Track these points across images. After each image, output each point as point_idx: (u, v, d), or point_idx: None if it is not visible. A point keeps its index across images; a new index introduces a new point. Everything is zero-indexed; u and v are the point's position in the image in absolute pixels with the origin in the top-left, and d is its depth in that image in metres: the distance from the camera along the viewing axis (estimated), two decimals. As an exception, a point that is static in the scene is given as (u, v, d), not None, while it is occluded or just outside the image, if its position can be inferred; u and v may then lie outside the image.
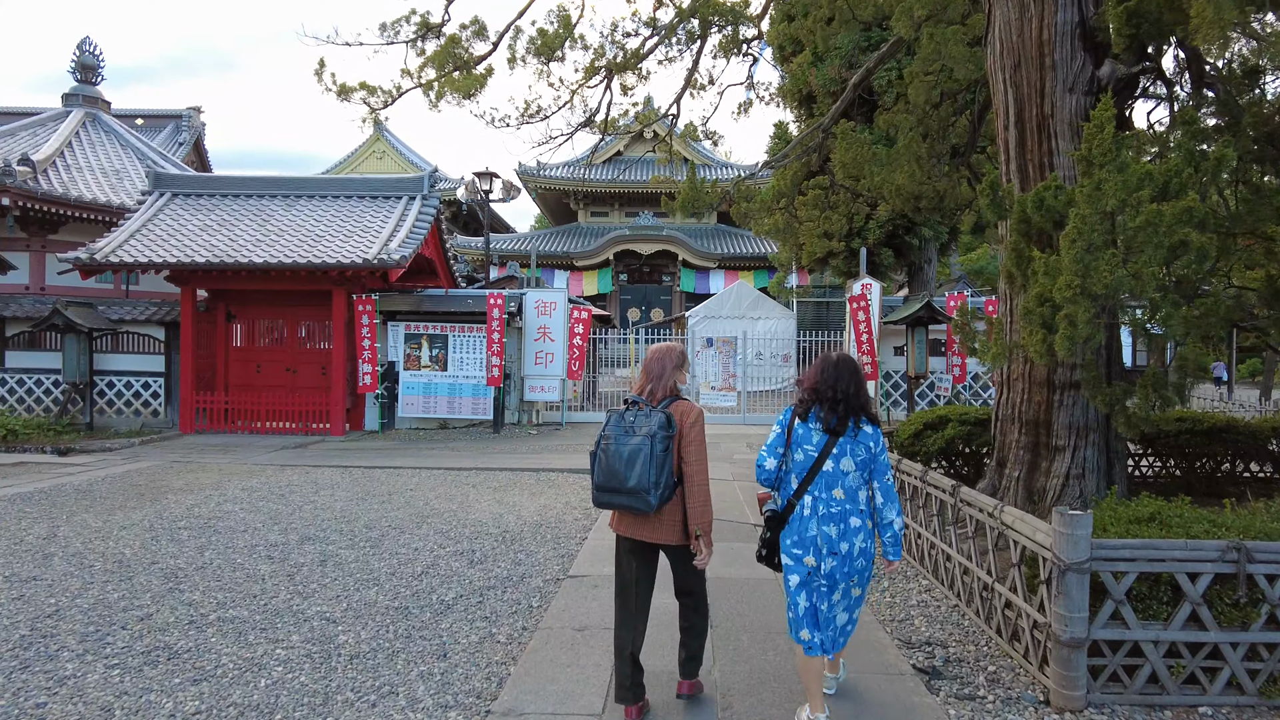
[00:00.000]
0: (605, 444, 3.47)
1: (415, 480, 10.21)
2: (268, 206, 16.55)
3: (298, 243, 14.98)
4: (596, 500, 3.54)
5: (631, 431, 3.42)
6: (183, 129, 30.60)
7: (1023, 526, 3.97)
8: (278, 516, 7.89)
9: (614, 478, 3.38)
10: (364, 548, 6.65)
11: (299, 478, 10.38)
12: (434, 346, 15.61)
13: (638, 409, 3.52)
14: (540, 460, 11.84)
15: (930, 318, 15.40)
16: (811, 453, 3.42)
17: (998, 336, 5.76)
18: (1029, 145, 6.30)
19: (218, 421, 15.66)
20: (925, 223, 16.40)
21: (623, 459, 3.35)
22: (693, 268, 37.47)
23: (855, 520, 3.37)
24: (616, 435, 3.45)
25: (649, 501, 3.33)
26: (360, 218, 16.14)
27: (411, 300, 15.79)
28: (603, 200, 41.10)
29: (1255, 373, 33.89)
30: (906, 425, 9.17)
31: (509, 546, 6.71)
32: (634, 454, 3.34)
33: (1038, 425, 6.35)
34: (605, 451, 3.45)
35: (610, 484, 3.41)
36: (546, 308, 15.93)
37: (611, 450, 3.42)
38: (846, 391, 3.45)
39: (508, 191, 18.31)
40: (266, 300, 16.40)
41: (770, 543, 3.54)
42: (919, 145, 8.98)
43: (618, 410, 3.62)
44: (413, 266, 17.64)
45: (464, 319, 15.60)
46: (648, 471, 3.31)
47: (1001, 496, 6.50)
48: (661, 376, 3.60)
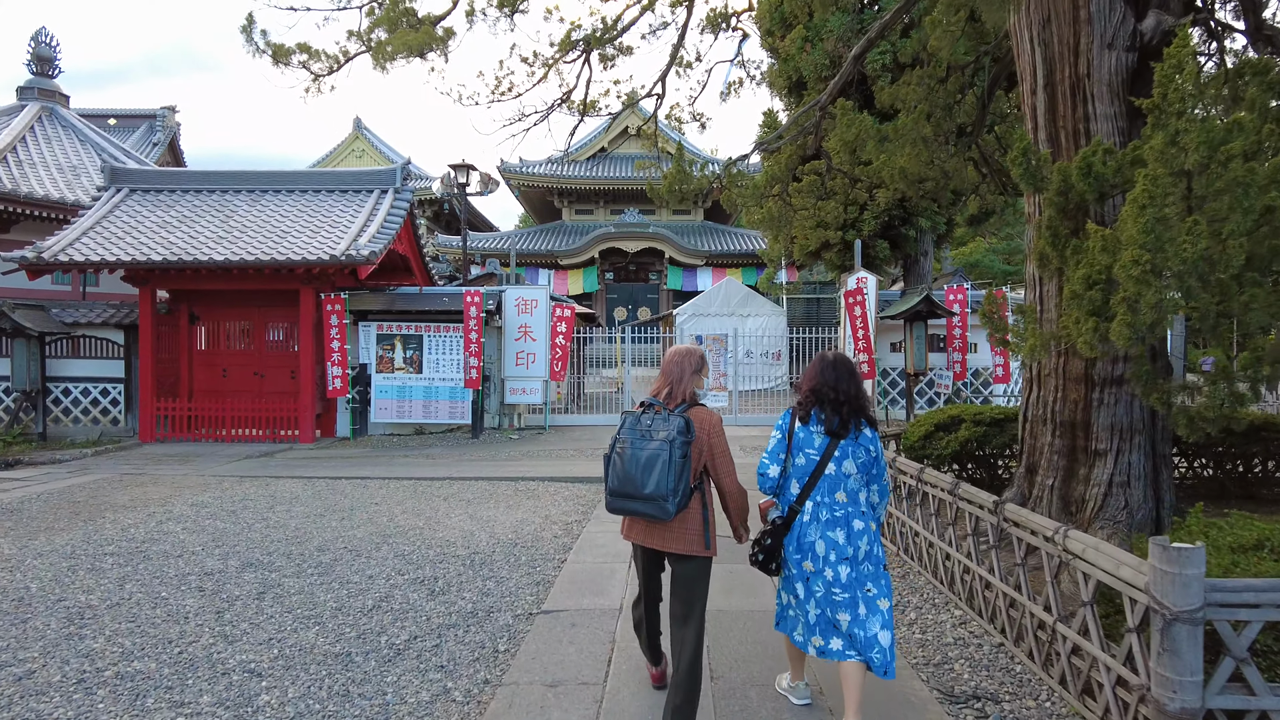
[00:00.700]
0: (621, 448, 3.37)
1: (382, 493, 9.40)
2: (231, 202, 15.67)
3: (262, 239, 14.11)
4: (610, 506, 3.42)
5: (649, 436, 3.31)
6: (157, 129, 29.73)
7: (1099, 559, 3.22)
8: (222, 538, 7.06)
9: (630, 483, 3.28)
10: (311, 575, 5.84)
11: (257, 491, 9.55)
12: (408, 348, 14.78)
13: (654, 412, 3.40)
14: (520, 468, 11.05)
15: (930, 312, 14.70)
16: (814, 456, 3.34)
17: (1030, 327, 5.02)
18: (1060, 110, 5.57)
19: (181, 429, 14.77)
20: (923, 213, 15.71)
21: (640, 464, 3.25)
22: (680, 265, 36.72)
23: (859, 523, 3.30)
24: (633, 439, 3.34)
25: (666, 509, 3.22)
26: (329, 212, 15.29)
27: (383, 299, 14.95)
28: (587, 198, 40.29)
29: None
30: (915, 426, 8.44)
31: (477, 572, 5.92)
32: (652, 459, 3.24)
33: (1074, 426, 5.62)
34: (621, 456, 3.35)
35: (626, 489, 3.30)
36: (527, 306, 15.13)
37: (628, 455, 3.32)
38: (848, 393, 3.39)
39: (486, 184, 17.50)
40: (232, 301, 15.53)
41: (770, 549, 3.44)
42: (923, 124, 8.24)
43: (633, 413, 3.51)
44: (386, 264, 16.83)
45: (439, 318, 14.78)
46: (666, 478, 3.20)
47: (1033, 507, 5.77)
48: (681, 380, 3.50)
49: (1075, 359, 5.58)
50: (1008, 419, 8.12)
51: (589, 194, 39.98)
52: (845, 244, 16.31)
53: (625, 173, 39.06)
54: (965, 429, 7.97)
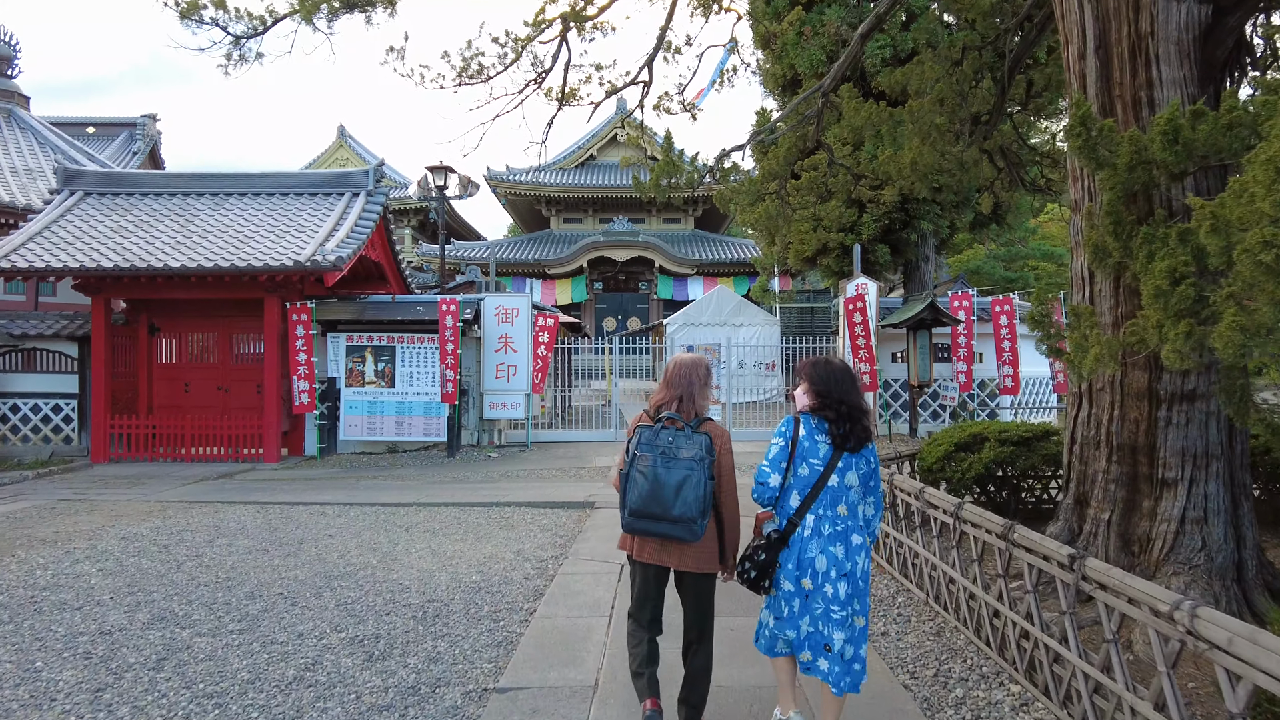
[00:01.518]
0: (642, 465, 3.23)
1: (340, 522, 8.46)
2: (192, 206, 14.73)
3: (223, 245, 13.18)
4: (631, 527, 3.31)
5: (672, 454, 3.20)
6: (137, 137, 28.87)
7: (1264, 658, 2.28)
8: (141, 581, 6.11)
9: (656, 504, 3.16)
10: (231, 632, 4.90)
11: (201, 520, 8.59)
12: (380, 360, 13.84)
13: (675, 429, 3.29)
14: (495, 491, 10.11)
15: (935, 320, 13.87)
16: (818, 466, 3.21)
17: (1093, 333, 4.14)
18: (1117, 77, 4.71)
19: (140, 448, 13.77)
20: (925, 215, 14.90)
21: (669, 485, 3.15)
22: (670, 274, 35.89)
23: (857, 537, 3.22)
24: (655, 458, 3.22)
25: (695, 531, 3.17)
26: (295, 217, 14.37)
27: (353, 308, 14.02)
28: (576, 206, 39.48)
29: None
30: (933, 446, 7.56)
31: (428, 628, 4.98)
32: (682, 481, 3.14)
33: (1135, 451, 4.75)
34: (644, 474, 3.21)
35: (651, 510, 3.18)
36: (508, 315, 14.22)
37: (651, 474, 3.19)
38: (856, 404, 3.27)
39: (465, 187, 16.62)
40: (195, 311, 14.58)
41: (763, 565, 3.25)
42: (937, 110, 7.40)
43: (648, 427, 3.37)
44: (360, 273, 15.92)
45: (414, 328, 13.85)
46: (697, 500, 3.13)
47: (1085, 545, 4.88)
48: (691, 392, 3.42)
49: (1136, 370, 4.71)
50: (1036, 437, 7.26)
51: (577, 202, 39.17)
52: (844, 248, 15.48)
53: (614, 180, 38.27)
54: (989, 449, 7.09)
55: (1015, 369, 14.59)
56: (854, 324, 13.91)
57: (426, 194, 16.27)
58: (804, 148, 9.02)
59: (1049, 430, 7.40)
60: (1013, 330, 14.59)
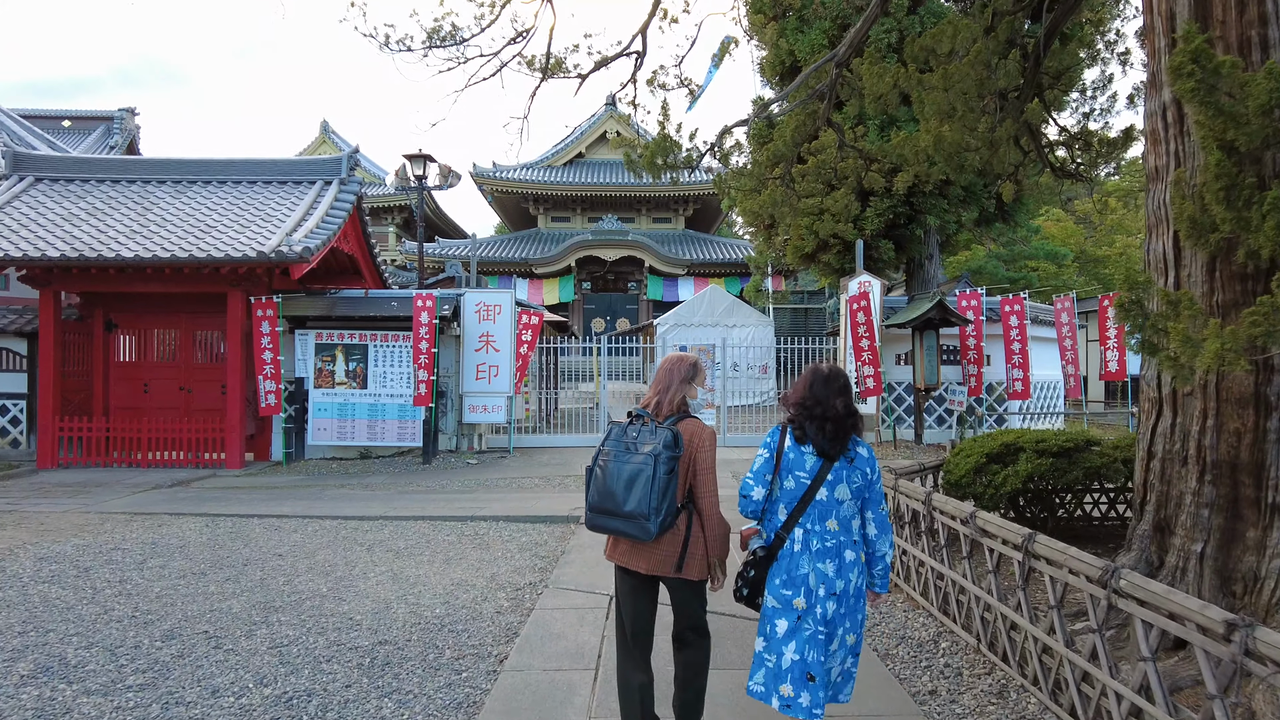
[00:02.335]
0: (603, 460, 3.12)
1: (296, 538, 7.55)
2: (153, 193, 13.77)
3: (182, 234, 12.23)
4: (589, 523, 3.18)
5: (633, 449, 3.07)
6: (114, 131, 27.93)
7: None
8: (41, 616, 5.19)
9: (609, 499, 3.04)
10: (128, 689, 3.99)
11: (140, 536, 7.66)
12: (351, 359, 12.92)
13: (641, 424, 3.15)
14: (471, 503, 9.21)
15: (942, 320, 13.08)
16: (804, 479, 3.02)
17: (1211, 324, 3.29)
18: (1218, 14, 3.89)
19: (95, 452, 12.78)
20: (931, 210, 14.11)
21: (621, 479, 3.02)
22: (660, 275, 35.06)
23: (850, 554, 3.02)
24: (616, 452, 3.10)
25: (647, 529, 2.98)
26: (263, 205, 13.43)
27: (323, 303, 13.09)
28: (564, 205, 38.60)
29: None
30: (961, 457, 6.72)
31: (375, 680, 4.09)
32: (634, 475, 3.00)
33: (1236, 469, 3.92)
34: (603, 469, 3.10)
35: (605, 505, 3.07)
36: (489, 312, 13.32)
37: (610, 468, 3.07)
38: (838, 410, 3.03)
39: (446, 177, 15.72)
40: (155, 306, 13.61)
41: (755, 582, 3.08)
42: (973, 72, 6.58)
43: (620, 423, 3.23)
44: (333, 266, 15.01)
45: (388, 325, 12.94)
46: (648, 495, 2.96)
47: (1171, 581, 4.04)
48: (669, 389, 3.22)
49: (1239, 374, 3.88)
50: (1077, 448, 6.44)
51: (566, 200, 38.28)
52: (845, 245, 14.67)
53: (603, 179, 37.43)
54: (1026, 461, 6.26)
55: (1026, 372, 13.83)
56: (857, 324, 13.10)
57: (404, 184, 15.36)
58: (812, 128, 8.18)
59: (1090, 440, 6.58)
60: (1023, 331, 13.83)
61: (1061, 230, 25.84)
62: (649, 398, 3.26)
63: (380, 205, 38.95)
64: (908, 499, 5.41)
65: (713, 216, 40.90)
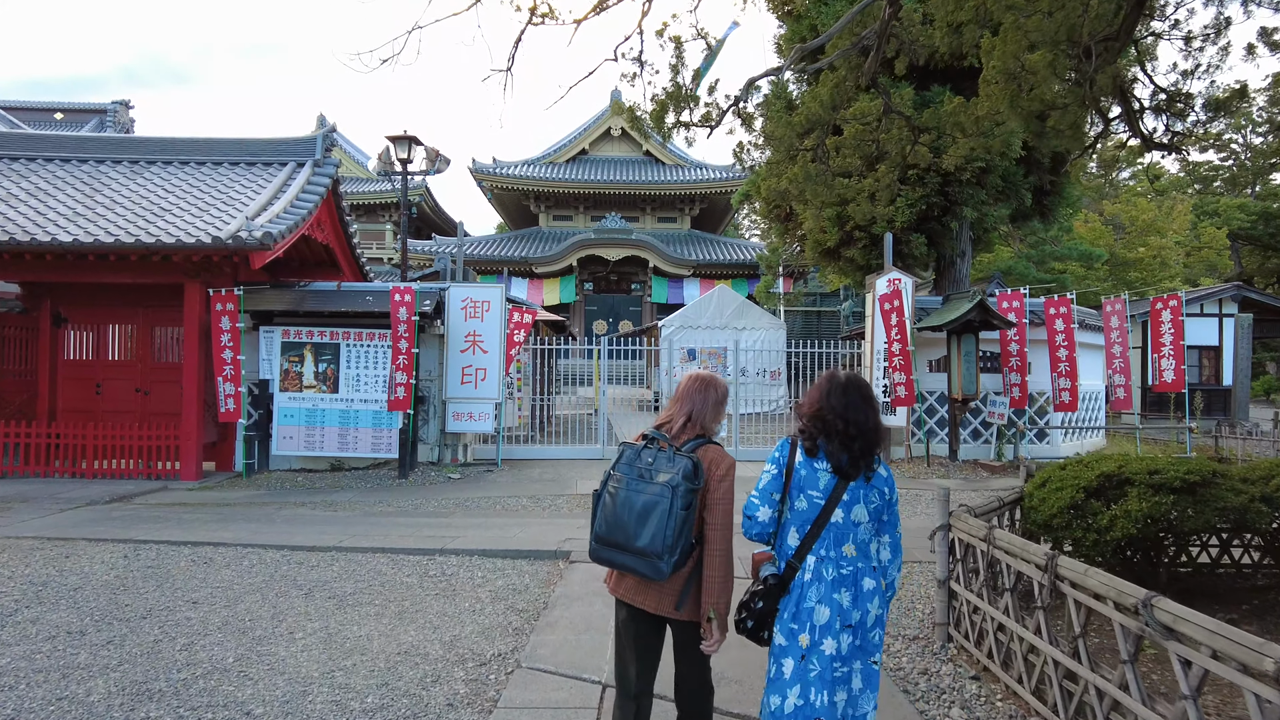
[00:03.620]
0: (614, 487, 2.82)
1: (224, 576, 6.19)
2: (106, 174, 12.43)
3: (132, 218, 10.89)
4: (595, 555, 2.88)
5: (647, 477, 2.77)
6: (108, 124, 26.91)
7: None
8: None
9: (619, 531, 2.75)
10: None
11: (32, 573, 6.30)
12: (321, 359, 11.56)
13: (657, 448, 2.84)
14: (444, 530, 7.83)
15: (983, 322, 11.69)
16: (818, 500, 2.73)
17: None
18: None
19: (36, 461, 11.41)
20: (967, 201, 12.73)
21: (634, 510, 2.73)
22: (665, 275, 33.72)
23: (869, 582, 2.73)
24: (629, 478, 2.80)
25: (659, 568, 2.69)
26: (226, 188, 12.10)
27: (290, 297, 11.72)
28: (566, 202, 37.29)
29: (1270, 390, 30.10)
30: (1047, 491, 5.33)
31: None
32: (648, 507, 2.71)
33: None
34: (613, 496, 2.81)
35: (613, 538, 2.78)
36: (476, 308, 11.95)
37: (620, 497, 2.78)
38: (862, 424, 2.71)
39: (434, 161, 14.38)
40: (109, 299, 12.28)
41: (762, 614, 2.77)
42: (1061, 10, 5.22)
43: (633, 445, 2.91)
44: (307, 257, 13.68)
45: (363, 322, 11.59)
46: (663, 532, 2.67)
47: None
48: (703, 412, 2.94)
49: None
50: (1203, 481, 5.04)
51: (568, 198, 36.97)
52: (872, 239, 13.29)
53: (607, 176, 36.15)
54: (1139, 498, 4.87)
55: (1074, 381, 12.44)
56: (889, 325, 11.71)
57: (387, 168, 14.02)
58: (853, 88, 6.81)
59: (1216, 471, 5.19)
60: (1070, 336, 12.44)
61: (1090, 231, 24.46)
62: (666, 416, 3.00)
63: (376, 201, 37.72)
64: (1008, 555, 4.00)
65: (720, 216, 39.56)
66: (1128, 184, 37.00)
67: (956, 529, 4.46)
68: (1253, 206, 32.26)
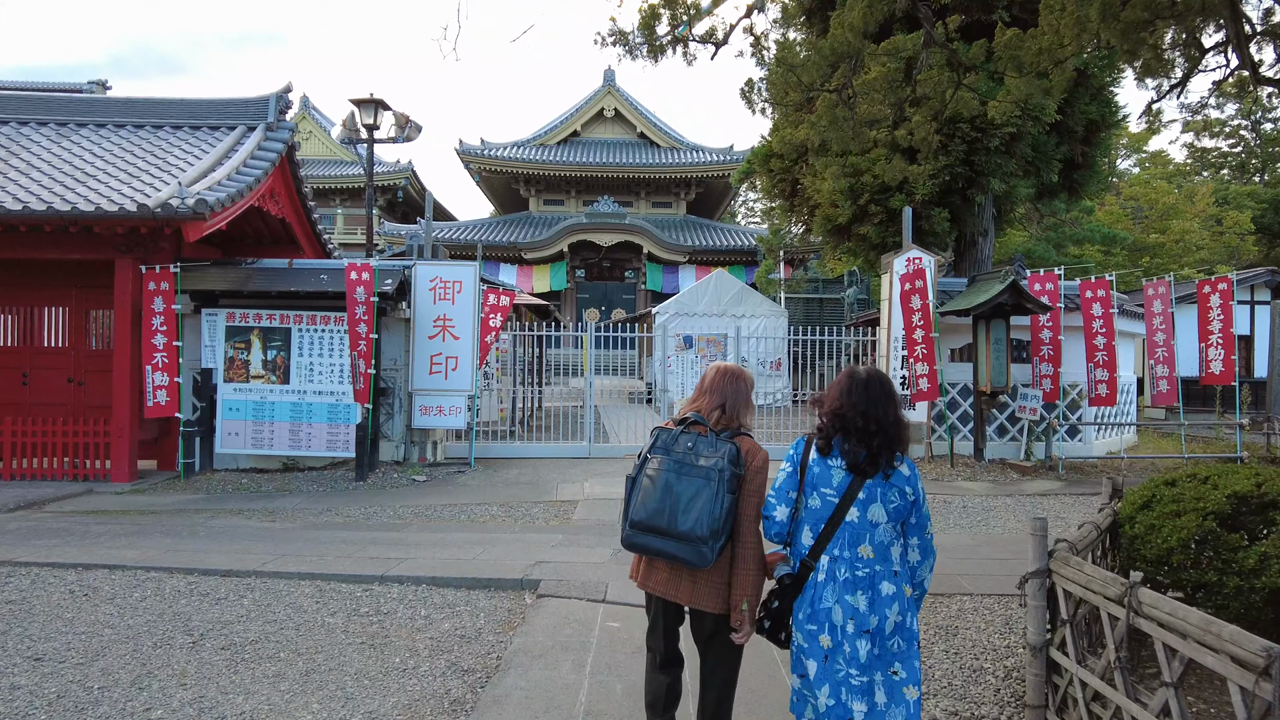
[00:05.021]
0: (653, 469, 2.74)
1: (98, 616, 4.89)
2: (26, 136, 11.06)
3: (50, 184, 9.54)
4: (630, 541, 2.77)
5: (689, 460, 2.70)
6: None
7: None
8: None
9: (660, 516, 2.66)
10: None
11: None
12: (270, 345, 10.23)
13: (697, 433, 2.78)
14: (392, 549, 6.53)
15: (1017, 306, 10.41)
16: (831, 498, 2.63)
17: None
18: None
19: (-49, 459, 10.10)
20: (995, 171, 11.41)
21: (677, 494, 2.65)
22: (659, 262, 32.38)
23: (888, 586, 2.58)
24: (669, 462, 2.72)
25: (704, 554, 2.62)
26: (165, 153, 10.74)
27: (235, 275, 10.38)
28: (557, 186, 35.87)
29: None
30: (1155, 517, 4.09)
31: None
32: (695, 491, 2.64)
33: None
34: (652, 480, 2.72)
35: (655, 524, 2.67)
36: (447, 289, 10.63)
37: (662, 480, 2.70)
38: (882, 420, 2.62)
39: (403, 128, 13.01)
40: (37, 278, 10.93)
41: (778, 614, 2.73)
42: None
43: (669, 429, 2.83)
44: (265, 234, 12.37)
45: (316, 304, 10.26)
46: (710, 515, 2.60)
47: None
48: (726, 404, 2.85)
49: None
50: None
51: (559, 181, 35.53)
52: (889, 214, 11.98)
53: (600, 158, 34.75)
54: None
55: (1112, 373, 11.18)
56: (910, 310, 10.42)
57: (352, 135, 12.66)
58: (885, 11, 5.50)
59: None
60: (1108, 322, 11.18)
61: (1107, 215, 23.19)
62: (700, 404, 2.88)
63: (360, 186, 36.31)
64: (1171, 634, 2.68)
65: (716, 201, 38.21)
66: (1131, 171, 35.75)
67: (1063, 578, 3.18)
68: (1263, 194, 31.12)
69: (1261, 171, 40.21)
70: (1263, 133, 40.32)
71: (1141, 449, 13.22)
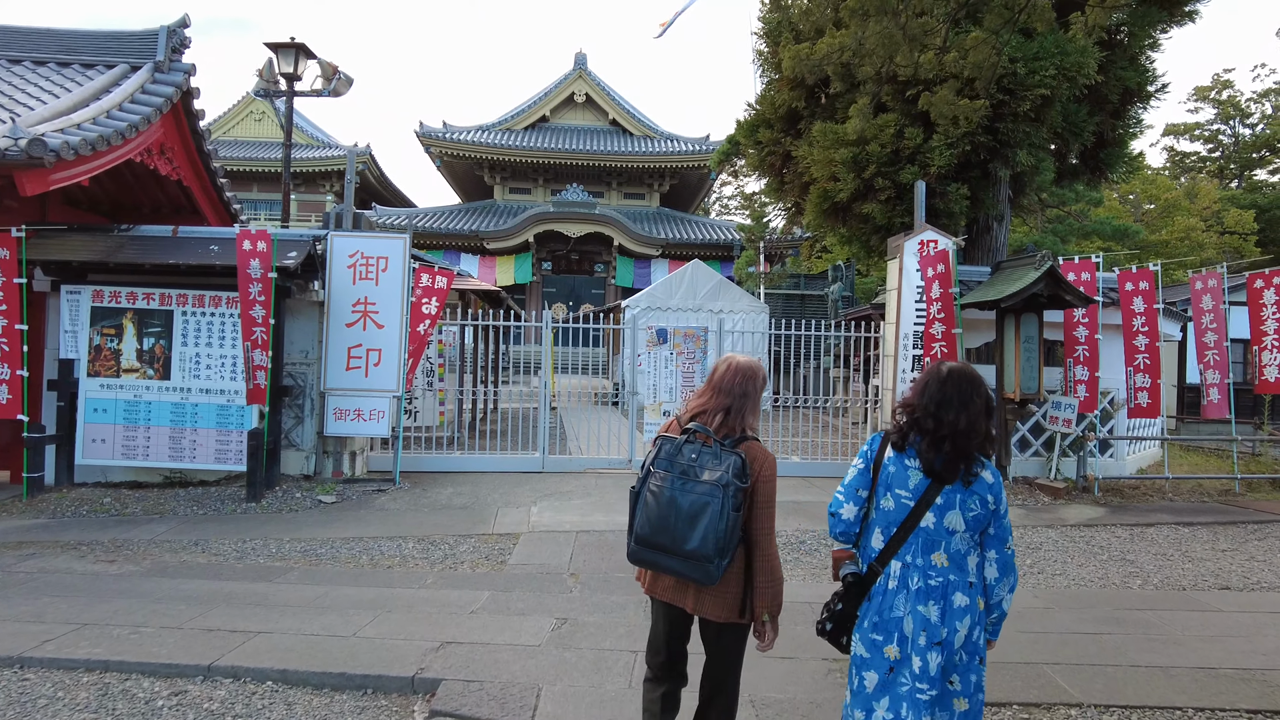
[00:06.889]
0: (656, 485, 2.62)
1: None
2: None
3: None
4: (635, 557, 2.69)
5: (693, 474, 2.58)
6: None
7: None
8: None
9: (665, 534, 2.56)
10: None
11: None
12: (147, 332, 8.26)
13: (700, 443, 2.64)
14: (248, 615, 4.63)
15: (1054, 298, 8.74)
16: (906, 501, 2.48)
17: None
18: None
19: None
20: (1021, 142, 9.75)
21: (682, 512, 2.54)
22: (631, 256, 30.61)
23: (961, 598, 2.42)
24: (672, 476, 2.61)
25: (710, 572, 2.52)
26: (18, 91, 8.70)
27: (102, 244, 8.36)
28: (524, 173, 33.92)
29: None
30: None
31: None
32: (699, 508, 2.52)
33: None
34: (655, 496, 2.61)
35: (658, 541, 2.58)
36: (369, 267, 8.71)
37: (665, 496, 2.58)
38: (954, 425, 2.41)
39: (331, 79, 11.05)
40: None
41: (842, 617, 2.59)
42: None
43: (671, 439, 2.69)
44: (163, 202, 10.37)
45: (205, 280, 8.31)
46: (715, 533, 2.49)
47: None
48: (743, 403, 2.70)
49: None
50: None
51: (526, 169, 33.57)
52: (898, 190, 10.27)
53: (570, 144, 32.85)
54: None
55: (1155, 379, 9.58)
56: (931, 300, 8.70)
57: (270, 85, 10.67)
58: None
59: None
60: (1151, 319, 9.58)
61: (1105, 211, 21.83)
62: (701, 406, 2.74)
63: (316, 170, 34.14)
64: None
65: (692, 194, 36.46)
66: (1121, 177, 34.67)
67: None
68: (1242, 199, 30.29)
69: (1238, 177, 39.43)
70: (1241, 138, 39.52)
71: (1173, 466, 11.64)
